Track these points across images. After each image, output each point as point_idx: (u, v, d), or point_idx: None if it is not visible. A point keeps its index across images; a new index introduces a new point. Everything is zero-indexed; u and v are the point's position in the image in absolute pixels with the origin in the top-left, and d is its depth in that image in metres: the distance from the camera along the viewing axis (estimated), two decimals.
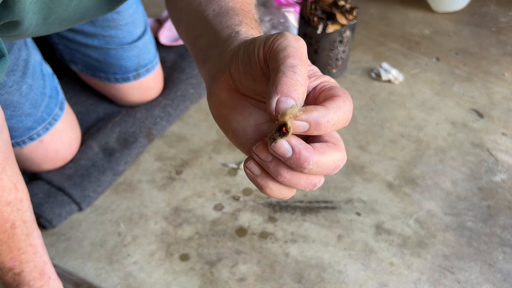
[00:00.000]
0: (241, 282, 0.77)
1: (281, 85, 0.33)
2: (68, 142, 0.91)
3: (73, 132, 0.92)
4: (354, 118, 1.08)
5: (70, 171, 0.89)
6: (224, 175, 0.94)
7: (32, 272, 0.64)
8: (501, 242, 0.84)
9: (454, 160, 0.99)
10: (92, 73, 1.01)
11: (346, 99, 0.35)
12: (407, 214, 0.88)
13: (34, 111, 0.82)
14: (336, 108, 0.34)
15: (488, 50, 1.31)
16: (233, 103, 0.40)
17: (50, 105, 0.85)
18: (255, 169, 0.35)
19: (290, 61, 0.34)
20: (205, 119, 1.06)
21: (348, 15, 1.03)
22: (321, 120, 0.33)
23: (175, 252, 0.81)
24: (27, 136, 0.83)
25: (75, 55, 0.99)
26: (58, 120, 0.87)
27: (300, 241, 0.83)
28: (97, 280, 0.77)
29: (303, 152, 0.33)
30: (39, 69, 0.84)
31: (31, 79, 0.81)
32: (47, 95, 0.85)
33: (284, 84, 0.33)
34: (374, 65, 1.23)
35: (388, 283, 0.78)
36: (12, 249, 0.60)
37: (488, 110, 1.11)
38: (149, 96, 1.04)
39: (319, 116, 0.33)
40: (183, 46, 1.17)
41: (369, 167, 0.97)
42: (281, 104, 0.33)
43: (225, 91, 0.40)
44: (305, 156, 0.33)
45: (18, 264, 0.62)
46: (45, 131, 0.85)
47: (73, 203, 0.86)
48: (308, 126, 0.33)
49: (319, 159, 0.33)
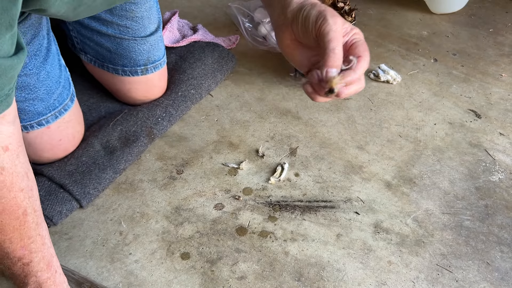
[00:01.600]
0: (241, 281, 0.78)
1: (327, 61, 0.58)
2: (72, 134, 0.92)
3: (78, 126, 0.94)
4: (353, 119, 1.09)
5: (71, 168, 0.90)
6: (224, 175, 0.95)
7: (40, 262, 0.65)
8: (498, 241, 0.85)
9: (451, 160, 1.00)
10: (101, 63, 1.01)
11: (365, 60, 0.60)
12: (405, 213, 0.89)
13: (47, 97, 0.84)
14: (360, 68, 0.59)
15: (485, 51, 1.32)
16: (294, 46, 0.65)
17: (63, 94, 0.88)
18: (309, 88, 0.62)
19: (332, 45, 0.58)
20: (206, 119, 1.07)
21: (347, 17, 1.04)
22: (352, 80, 0.58)
23: (176, 251, 0.82)
24: (35, 121, 0.85)
25: (87, 43, 1.00)
26: (68, 111, 0.89)
27: (299, 240, 0.84)
28: (99, 279, 0.77)
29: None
30: (57, 59, 0.87)
31: (50, 66, 0.84)
32: (61, 84, 0.87)
33: (329, 61, 0.58)
34: (373, 66, 1.24)
35: (387, 281, 0.78)
36: (23, 237, 0.61)
37: (486, 111, 1.12)
38: (153, 95, 1.05)
39: (351, 79, 0.58)
40: (184, 48, 1.18)
41: (368, 167, 0.98)
42: (329, 74, 0.58)
43: (289, 39, 0.64)
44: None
45: (28, 253, 0.63)
46: (54, 119, 0.87)
47: (73, 200, 0.86)
48: (345, 84, 0.58)
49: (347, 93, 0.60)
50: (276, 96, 1.14)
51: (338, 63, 0.58)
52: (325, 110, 1.11)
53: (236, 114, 1.09)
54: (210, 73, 1.13)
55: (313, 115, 1.09)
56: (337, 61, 0.58)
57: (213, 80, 1.13)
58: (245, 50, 1.27)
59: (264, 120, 1.08)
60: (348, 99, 1.14)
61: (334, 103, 1.12)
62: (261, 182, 0.94)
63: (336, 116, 1.09)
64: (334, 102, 1.13)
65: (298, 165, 0.97)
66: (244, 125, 1.06)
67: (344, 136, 1.04)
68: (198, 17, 1.40)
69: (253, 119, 1.08)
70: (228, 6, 1.39)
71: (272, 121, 1.07)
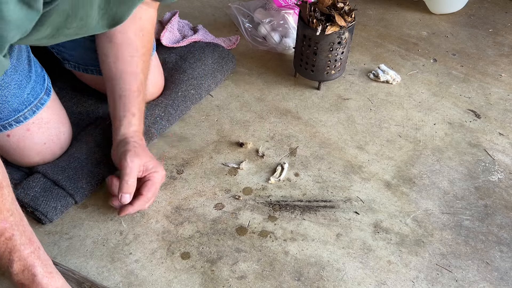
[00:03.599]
0: (241, 280, 0.78)
1: (121, 188, 0.81)
2: (57, 136, 0.90)
3: (62, 126, 0.92)
4: (352, 119, 1.09)
5: (63, 164, 0.89)
6: (224, 175, 0.95)
7: (22, 236, 0.65)
8: (498, 241, 0.85)
9: (451, 159, 1.00)
10: (84, 68, 1.00)
11: (143, 199, 0.84)
12: (405, 213, 0.89)
13: (20, 91, 0.83)
14: (136, 205, 0.83)
15: (485, 51, 1.32)
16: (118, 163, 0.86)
17: (36, 88, 0.86)
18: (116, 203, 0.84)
19: (126, 178, 0.80)
20: (206, 119, 1.07)
21: (347, 17, 1.04)
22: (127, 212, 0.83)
23: (176, 251, 0.82)
24: (13, 118, 0.84)
25: (63, 51, 0.99)
26: (45, 105, 0.87)
27: (299, 240, 0.84)
28: (99, 278, 0.78)
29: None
30: (25, 54, 0.86)
31: (15, 61, 0.83)
32: (32, 79, 0.86)
33: (122, 188, 0.81)
34: (372, 66, 1.24)
35: (386, 281, 0.79)
36: (1, 210, 0.62)
37: (485, 111, 1.13)
38: (150, 93, 1.02)
39: (128, 212, 0.84)
40: (184, 48, 1.18)
41: (367, 167, 0.98)
42: (122, 198, 0.81)
43: (115, 157, 0.87)
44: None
45: (9, 226, 0.64)
46: (31, 114, 0.85)
47: (68, 196, 0.86)
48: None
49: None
50: (276, 96, 1.14)
51: (129, 190, 0.81)
52: (325, 110, 1.11)
53: (236, 114, 1.09)
54: (210, 73, 1.13)
55: (313, 115, 1.09)
56: (128, 189, 0.81)
57: (213, 80, 1.13)
58: (245, 50, 1.28)
59: (264, 120, 1.08)
60: (348, 99, 1.14)
61: (334, 103, 1.13)
62: (261, 182, 0.94)
63: (335, 116, 1.09)
64: (334, 102, 1.13)
65: (298, 165, 0.98)
66: (244, 125, 1.06)
67: (343, 136, 1.05)
68: (198, 18, 1.40)
69: (253, 119, 1.08)
70: (228, 6, 1.39)
71: (272, 121, 1.08)
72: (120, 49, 0.88)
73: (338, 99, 1.14)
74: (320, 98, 1.14)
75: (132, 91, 0.87)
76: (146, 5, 0.89)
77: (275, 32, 1.26)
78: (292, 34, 1.24)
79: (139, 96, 0.88)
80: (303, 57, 1.11)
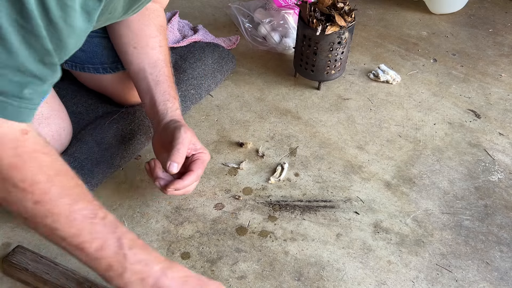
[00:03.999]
0: (241, 280, 0.78)
1: (172, 156, 0.77)
2: (57, 132, 0.90)
3: (62, 122, 0.92)
4: (352, 119, 1.09)
5: None
6: (224, 175, 0.95)
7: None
8: (498, 241, 0.85)
9: (451, 159, 1.00)
10: (81, 66, 1.00)
11: (195, 174, 0.81)
12: (405, 213, 0.89)
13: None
14: (188, 179, 0.80)
15: (485, 51, 1.32)
16: (161, 150, 0.84)
17: None
18: (162, 182, 0.82)
19: (178, 146, 0.78)
20: (206, 119, 1.07)
21: (347, 17, 1.05)
22: (179, 187, 0.80)
23: (176, 251, 0.82)
24: None
25: None
26: (45, 99, 0.86)
27: (299, 240, 0.84)
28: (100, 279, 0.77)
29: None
30: None
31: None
32: None
33: (173, 156, 0.77)
34: (372, 66, 1.24)
35: (386, 281, 0.79)
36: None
37: (485, 111, 1.13)
38: None
39: (179, 186, 0.80)
40: (184, 48, 1.18)
41: (367, 167, 0.98)
42: (171, 167, 0.77)
43: (159, 144, 0.85)
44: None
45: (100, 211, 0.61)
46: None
47: None
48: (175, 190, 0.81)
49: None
50: (276, 96, 1.14)
51: (179, 160, 0.77)
52: (325, 110, 1.11)
53: (236, 114, 1.09)
54: (210, 73, 1.13)
55: (313, 115, 1.09)
56: (179, 158, 0.77)
57: (213, 80, 1.13)
58: (245, 50, 1.28)
59: (264, 120, 1.08)
60: (348, 99, 1.14)
61: (334, 103, 1.13)
62: (261, 182, 0.94)
63: (335, 116, 1.09)
64: (334, 102, 1.13)
65: (298, 165, 0.98)
66: (244, 125, 1.06)
67: (343, 136, 1.05)
68: (198, 18, 1.40)
69: (253, 119, 1.08)
70: (228, 6, 1.39)
71: (272, 121, 1.08)
72: (150, 40, 0.91)
73: (338, 99, 1.14)
74: (320, 98, 1.14)
75: (168, 77, 0.89)
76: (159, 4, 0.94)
77: (275, 32, 1.26)
78: (292, 34, 1.24)
79: (173, 81, 0.91)
80: (303, 57, 1.11)
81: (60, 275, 0.75)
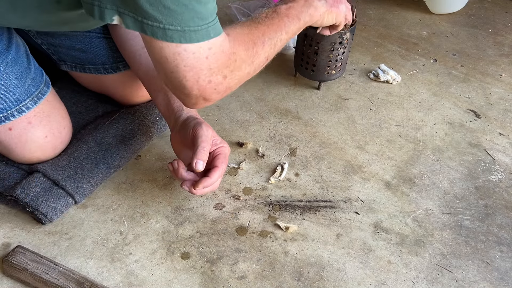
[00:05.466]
0: (241, 280, 0.78)
1: (197, 154, 0.78)
2: (58, 129, 0.91)
3: (62, 120, 0.92)
4: (352, 119, 1.09)
5: (63, 163, 0.90)
6: (224, 175, 0.95)
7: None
8: (498, 241, 0.85)
9: (451, 159, 1.00)
10: (82, 67, 1.00)
11: (221, 169, 0.82)
12: (405, 213, 0.89)
13: (21, 82, 0.85)
14: (214, 175, 0.81)
15: (485, 51, 1.32)
16: (180, 148, 0.86)
17: (36, 79, 0.88)
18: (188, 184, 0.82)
19: (202, 144, 0.79)
20: (206, 119, 1.07)
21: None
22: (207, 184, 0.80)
23: (176, 251, 0.82)
24: (15, 108, 0.84)
25: (60, 50, 0.99)
26: (45, 96, 0.88)
27: (299, 240, 0.84)
28: (99, 278, 0.78)
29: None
30: (23, 49, 0.88)
31: (15, 53, 0.85)
32: (32, 70, 0.88)
33: (198, 154, 0.78)
34: (373, 66, 1.24)
35: (386, 281, 0.79)
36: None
37: (485, 111, 1.13)
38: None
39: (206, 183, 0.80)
40: None
41: (368, 167, 0.98)
42: (197, 164, 0.78)
43: (178, 142, 0.86)
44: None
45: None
46: (33, 104, 0.86)
47: (68, 196, 0.86)
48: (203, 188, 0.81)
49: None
50: (276, 96, 1.14)
51: (204, 157, 0.79)
52: (325, 110, 1.11)
53: (236, 114, 1.09)
54: None
55: (313, 115, 1.09)
56: (204, 156, 0.79)
57: None
58: None
59: (264, 120, 1.08)
60: (348, 99, 1.14)
61: (334, 103, 1.13)
62: (261, 182, 0.94)
63: (336, 116, 1.09)
64: (334, 102, 1.13)
65: (298, 165, 0.97)
66: (244, 125, 1.06)
67: (344, 136, 1.05)
68: None
69: (253, 119, 1.08)
70: (228, 6, 1.39)
71: (272, 121, 1.08)
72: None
73: (338, 99, 1.14)
74: (320, 98, 1.14)
75: None
76: None
77: None
78: None
79: None
80: (303, 57, 1.11)
81: (60, 275, 0.75)
